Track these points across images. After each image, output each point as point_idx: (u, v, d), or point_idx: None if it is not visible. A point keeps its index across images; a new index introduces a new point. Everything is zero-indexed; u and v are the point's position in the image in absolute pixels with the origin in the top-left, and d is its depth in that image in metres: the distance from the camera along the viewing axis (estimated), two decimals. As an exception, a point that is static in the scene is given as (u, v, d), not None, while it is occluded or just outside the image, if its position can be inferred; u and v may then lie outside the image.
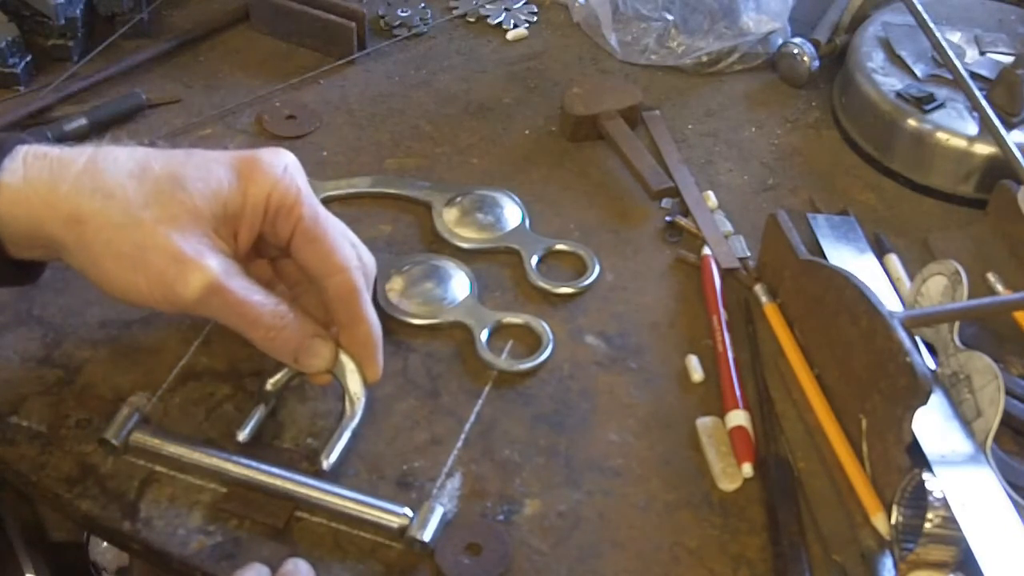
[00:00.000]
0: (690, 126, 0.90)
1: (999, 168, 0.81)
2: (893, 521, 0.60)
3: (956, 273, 0.69)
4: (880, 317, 0.62)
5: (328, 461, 0.62)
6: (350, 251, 0.62)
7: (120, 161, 0.59)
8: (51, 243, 0.58)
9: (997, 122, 0.81)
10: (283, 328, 0.61)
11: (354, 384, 0.64)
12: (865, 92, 0.88)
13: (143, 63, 0.91)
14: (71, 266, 0.59)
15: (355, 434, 0.64)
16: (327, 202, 0.81)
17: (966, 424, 0.64)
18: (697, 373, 0.70)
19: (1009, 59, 0.87)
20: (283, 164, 0.62)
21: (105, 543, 0.96)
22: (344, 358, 0.64)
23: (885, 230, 0.81)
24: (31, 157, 0.59)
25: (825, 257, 0.75)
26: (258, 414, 0.65)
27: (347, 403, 0.64)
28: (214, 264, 0.58)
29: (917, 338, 0.69)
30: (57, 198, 0.57)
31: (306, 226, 0.61)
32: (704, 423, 0.67)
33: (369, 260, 0.65)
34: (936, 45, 0.87)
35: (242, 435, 0.64)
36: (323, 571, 0.59)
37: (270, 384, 0.65)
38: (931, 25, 0.87)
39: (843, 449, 0.64)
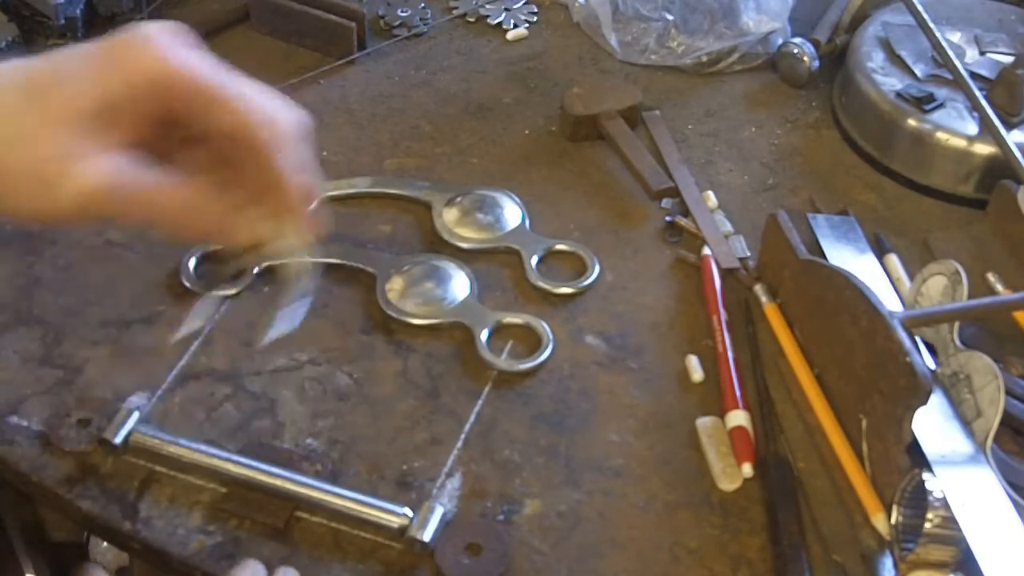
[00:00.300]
0: (690, 126, 0.90)
1: (999, 168, 0.81)
2: (893, 521, 0.60)
3: (956, 273, 0.69)
4: (880, 317, 0.62)
5: (262, 341, 0.58)
6: (263, 106, 0.56)
7: None
8: None
9: (997, 122, 0.81)
10: (193, 208, 0.54)
11: (292, 251, 0.58)
12: (865, 92, 0.88)
13: (143, 63, 0.91)
14: None
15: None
16: (327, 202, 0.81)
17: (966, 424, 0.64)
18: (697, 373, 0.70)
19: (1009, 59, 0.87)
20: (159, 37, 0.54)
21: (105, 543, 0.96)
22: (294, 223, 0.58)
23: (885, 230, 0.81)
24: None
25: (825, 257, 0.75)
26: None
27: (285, 271, 0.58)
28: (103, 162, 0.52)
29: (917, 338, 0.69)
30: None
31: (203, 95, 0.54)
32: (704, 423, 0.67)
33: (289, 116, 0.58)
34: (936, 45, 0.87)
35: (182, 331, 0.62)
36: (323, 571, 0.59)
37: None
38: (931, 25, 0.87)
39: (843, 449, 0.64)
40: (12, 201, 0.52)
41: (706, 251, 0.78)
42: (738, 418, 0.66)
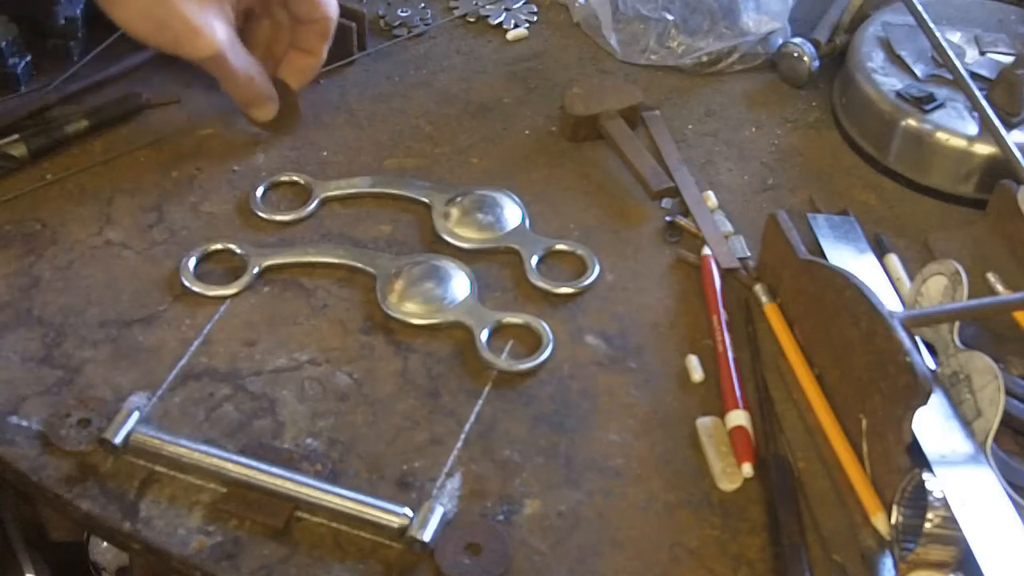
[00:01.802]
0: (690, 126, 0.90)
1: (999, 168, 0.81)
2: (893, 521, 0.60)
3: (956, 273, 0.69)
4: (880, 317, 0.62)
5: None
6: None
7: None
8: None
9: (997, 122, 0.81)
10: (251, 88, 0.80)
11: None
12: (865, 92, 0.88)
13: (143, 63, 0.91)
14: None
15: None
16: (327, 202, 0.81)
17: (966, 424, 0.64)
18: (697, 373, 0.70)
19: (1009, 59, 0.87)
20: None
21: (105, 543, 0.96)
22: None
23: (885, 230, 0.81)
24: None
25: (825, 257, 0.75)
26: None
27: None
28: (221, 35, 0.75)
29: (917, 338, 0.69)
30: None
31: None
32: (704, 423, 0.67)
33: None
34: (936, 45, 0.87)
35: None
36: (323, 571, 0.59)
37: None
38: (931, 25, 0.87)
39: (843, 449, 0.64)
40: (148, 37, 0.75)
41: (706, 251, 0.78)
42: (738, 418, 0.66)
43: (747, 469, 0.64)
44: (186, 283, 0.74)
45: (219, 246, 0.76)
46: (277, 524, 0.61)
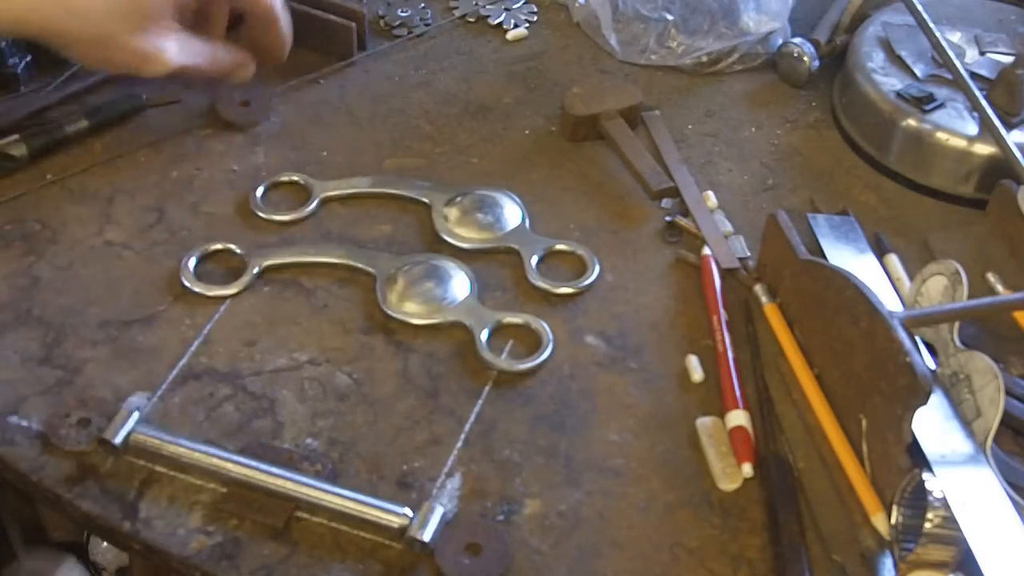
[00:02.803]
0: (690, 126, 0.90)
1: (999, 168, 0.81)
2: (893, 521, 0.60)
3: (956, 273, 0.69)
4: (880, 317, 0.62)
5: None
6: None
7: None
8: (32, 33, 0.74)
9: (997, 122, 0.81)
10: (220, 67, 0.82)
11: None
12: (865, 92, 0.88)
13: (143, 63, 0.91)
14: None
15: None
16: (327, 202, 0.81)
17: (966, 424, 0.64)
18: (697, 373, 0.70)
19: (1009, 59, 0.87)
20: None
21: (105, 543, 0.96)
22: None
23: (885, 230, 0.81)
24: None
25: (825, 257, 0.75)
26: None
27: None
28: (171, 53, 0.76)
29: (917, 338, 0.69)
30: (29, 23, 0.72)
31: None
32: (704, 423, 0.67)
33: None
34: (936, 45, 0.87)
35: None
36: (323, 571, 0.59)
37: None
38: (931, 25, 0.87)
39: (843, 449, 0.64)
40: (104, 69, 0.82)
41: (706, 251, 0.78)
42: (738, 418, 0.66)
43: (747, 469, 0.64)
44: (186, 283, 0.74)
45: (219, 246, 0.76)
46: (277, 524, 0.61)
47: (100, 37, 0.73)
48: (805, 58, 0.93)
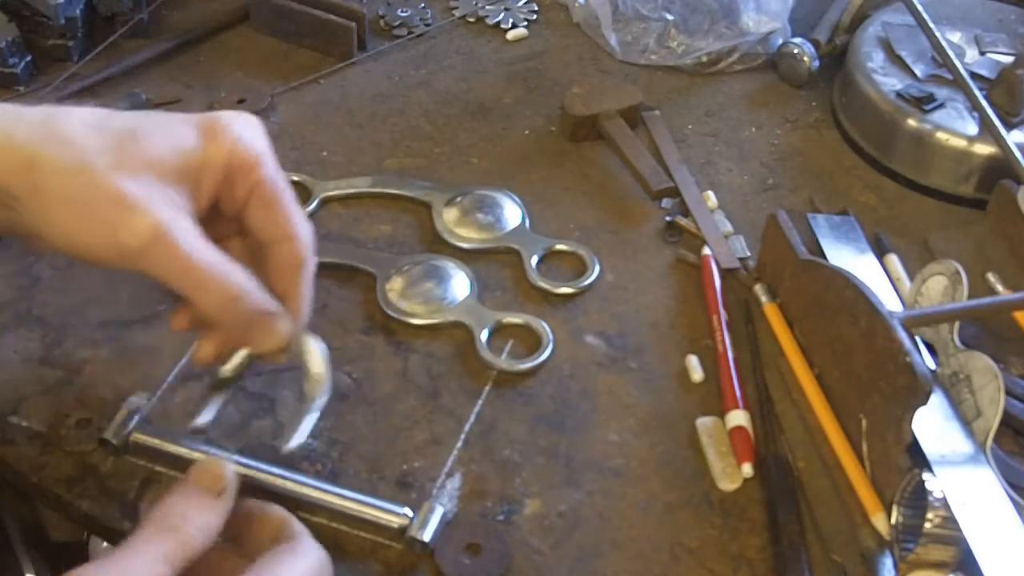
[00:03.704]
0: (690, 126, 0.90)
1: (999, 168, 0.81)
2: (893, 521, 0.60)
3: (956, 273, 0.69)
4: (880, 317, 0.62)
5: (288, 445, 0.60)
6: (304, 221, 0.60)
7: (79, 115, 0.56)
8: (4, 194, 0.54)
9: (997, 122, 0.81)
10: (237, 297, 0.56)
11: (315, 364, 0.61)
12: (865, 92, 0.88)
13: (143, 63, 0.91)
14: (22, 226, 0.55)
15: (321, 415, 0.62)
16: (327, 202, 0.81)
17: (966, 424, 0.64)
18: (697, 373, 0.70)
19: (1009, 59, 0.87)
20: (245, 125, 0.59)
21: (105, 543, 0.96)
22: (305, 337, 0.60)
23: (885, 230, 0.81)
24: None
25: (825, 257, 0.75)
26: (216, 402, 0.63)
27: (308, 385, 0.61)
28: (162, 211, 0.54)
29: (917, 338, 0.69)
30: (12, 144, 0.54)
31: (265, 189, 0.59)
32: (704, 423, 0.67)
33: (311, 236, 0.61)
34: (936, 45, 0.87)
35: (199, 421, 0.62)
36: (323, 571, 0.59)
37: (227, 370, 0.63)
38: (931, 25, 0.87)
39: (843, 449, 0.64)
40: (77, 237, 0.54)
41: (706, 251, 0.78)
42: (738, 418, 0.66)
43: (747, 469, 0.64)
44: (186, 283, 0.73)
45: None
46: (277, 524, 0.61)
47: (84, 168, 0.54)
48: (805, 58, 0.93)
